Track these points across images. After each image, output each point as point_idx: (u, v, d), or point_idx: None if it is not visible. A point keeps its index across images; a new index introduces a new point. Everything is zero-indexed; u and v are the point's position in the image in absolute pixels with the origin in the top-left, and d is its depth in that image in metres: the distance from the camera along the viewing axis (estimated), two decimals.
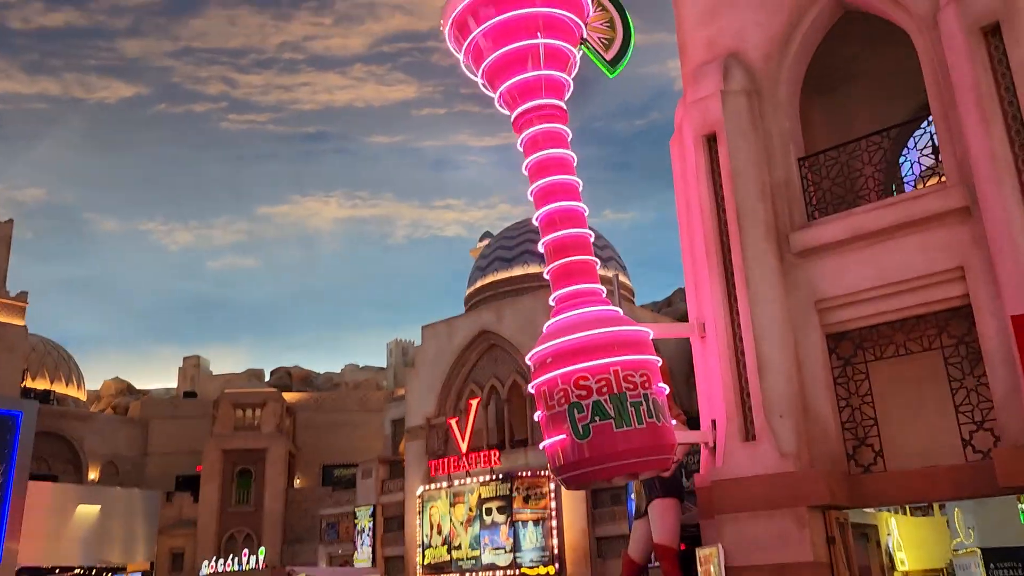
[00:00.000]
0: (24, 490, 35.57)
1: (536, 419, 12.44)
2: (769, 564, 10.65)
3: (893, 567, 13.91)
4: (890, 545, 13.87)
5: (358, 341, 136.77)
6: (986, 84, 10.10)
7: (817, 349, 11.37)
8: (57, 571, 39.61)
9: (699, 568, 11.95)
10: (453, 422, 33.66)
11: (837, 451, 11.06)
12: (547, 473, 30.61)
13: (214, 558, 24.15)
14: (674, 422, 11.68)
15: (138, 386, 57.40)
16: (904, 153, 13.72)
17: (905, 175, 13.28)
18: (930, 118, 12.40)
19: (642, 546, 19.45)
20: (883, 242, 11.04)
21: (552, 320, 12.37)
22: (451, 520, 32.32)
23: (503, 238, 40.01)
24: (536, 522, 30.23)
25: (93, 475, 44.82)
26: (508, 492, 30.93)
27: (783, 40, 12.48)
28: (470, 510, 31.85)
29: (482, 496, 31.59)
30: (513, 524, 30.45)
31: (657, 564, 15.48)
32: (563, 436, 11.37)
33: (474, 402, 33.42)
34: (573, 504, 30.07)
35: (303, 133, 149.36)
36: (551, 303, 12.83)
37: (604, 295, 12.56)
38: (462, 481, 32.57)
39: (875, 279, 11.04)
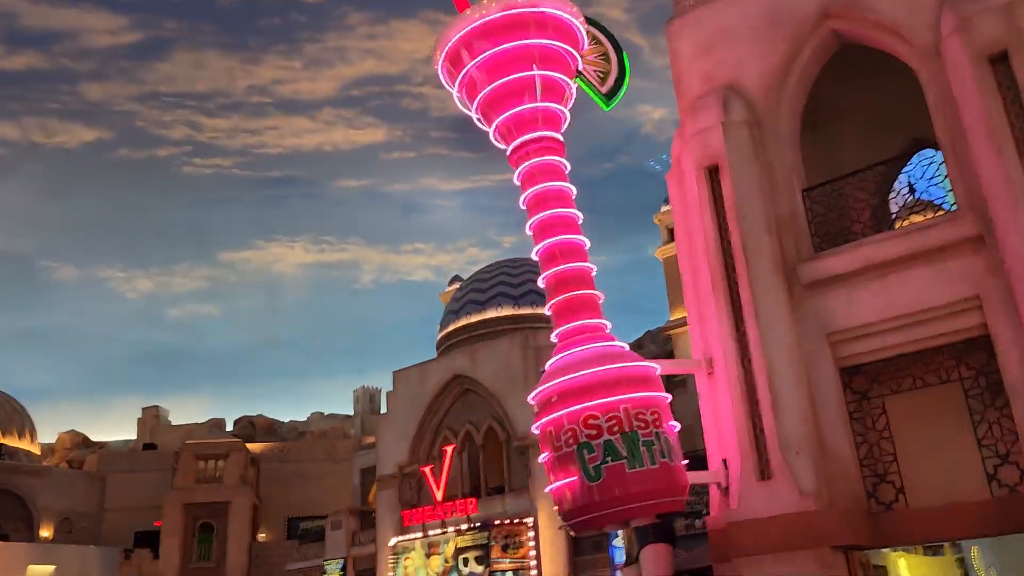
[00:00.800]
0: None
1: (541, 461, 11.93)
2: None
3: None
4: None
5: (324, 389, 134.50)
6: (996, 112, 10.05)
7: (831, 383, 11.08)
8: None
9: None
10: (427, 470, 32.75)
11: (857, 489, 10.72)
12: (525, 521, 29.85)
13: None
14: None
15: (94, 438, 55.32)
16: (896, 187, 13.67)
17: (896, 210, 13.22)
18: (924, 151, 12.41)
19: None
20: (894, 273, 10.87)
21: (555, 357, 11.96)
22: (427, 571, 31.22)
23: (475, 280, 39.56)
24: (515, 572, 29.32)
25: (46, 532, 42.75)
26: (486, 541, 30.02)
27: (782, 72, 12.41)
28: (446, 561, 30.83)
29: (458, 546, 30.62)
30: (492, 574, 29.50)
31: None
32: (573, 478, 10.90)
33: (449, 448, 32.60)
34: (553, 552, 29.27)
35: (269, 177, 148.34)
36: (553, 339, 12.43)
37: (609, 330, 12.21)
38: (438, 531, 31.58)
39: (887, 311, 10.84)
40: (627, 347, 11.76)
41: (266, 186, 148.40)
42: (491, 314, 37.05)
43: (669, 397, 11.32)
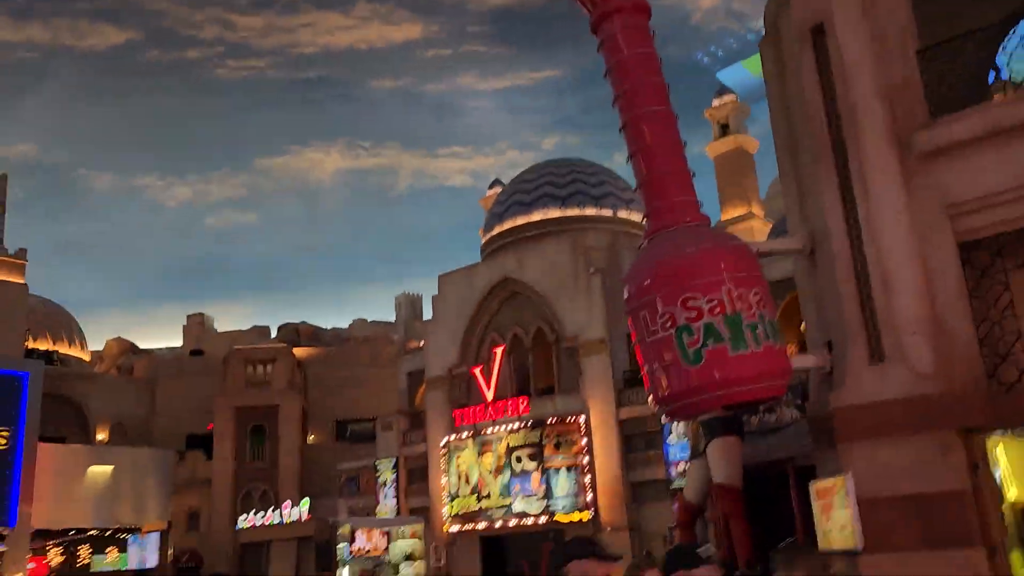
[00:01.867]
0: (34, 452, 34.54)
1: (634, 347, 11.41)
2: (907, 494, 9.69)
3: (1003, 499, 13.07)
4: (998, 474, 12.98)
5: (364, 296, 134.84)
6: None
7: (949, 259, 10.29)
8: (72, 533, 38.80)
9: (816, 502, 11.02)
10: (477, 371, 32.74)
11: (976, 370, 10.05)
12: (578, 419, 29.83)
13: (252, 511, 23.23)
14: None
15: (142, 346, 56.20)
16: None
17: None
18: None
19: (700, 487, 18.63)
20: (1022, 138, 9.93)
21: (647, 239, 11.29)
22: (479, 469, 31.53)
23: (520, 182, 38.70)
24: (568, 469, 29.48)
25: (101, 436, 43.82)
26: (538, 439, 30.12)
27: None
28: (498, 459, 31.06)
29: (511, 444, 30.78)
30: (545, 471, 29.69)
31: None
32: (671, 363, 10.37)
33: (499, 350, 32.46)
34: (606, 450, 29.32)
35: (303, 79, 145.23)
36: (643, 221, 11.72)
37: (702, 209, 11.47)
38: (489, 430, 31.73)
39: (1015, 179, 9.95)
40: (723, 226, 11.04)
41: (300, 88, 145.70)
42: (537, 216, 36.36)
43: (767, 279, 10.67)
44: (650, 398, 11.12)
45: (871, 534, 9.76)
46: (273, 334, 55.54)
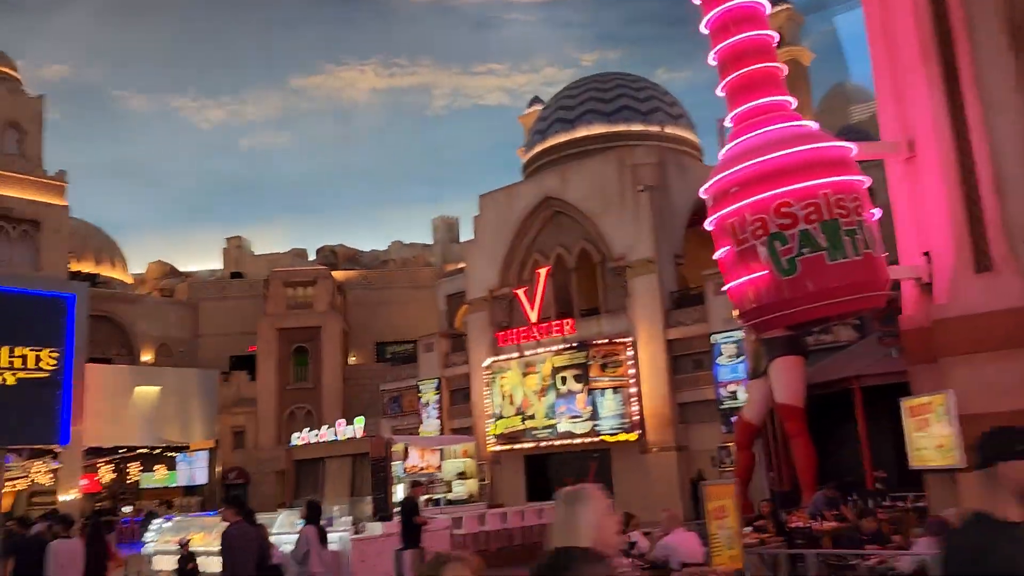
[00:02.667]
0: (83, 373, 35.01)
1: (716, 257, 10.85)
2: (1012, 410, 9.19)
3: None
4: None
5: (401, 218, 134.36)
6: None
7: None
8: (121, 451, 39.67)
9: (908, 419, 10.56)
10: (520, 292, 32.37)
11: None
12: (624, 340, 29.48)
13: (306, 429, 23.37)
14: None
15: (181, 269, 56.55)
16: None
17: None
18: None
19: (760, 407, 18.23)
20: None
21: (733, 142, 10.59)
22: (523, 390, 31.46)
23: (563, 98, 37.57)
24: (615, 390, 29.27)
25: (147, 357, 44.40)
26: (584, 360, 29.86)
27: None
28: (543, 380, 30.92)
29: (556, 365, 30.57)
30: (591, 392, 29.51)
31: None
32: (760, 273, 9.80)
33: (542, 271, 32.01)
34: (653, 370, 29.02)
35: None
36: (727, 123, 11.00)
37: (793, 108, 10.71)
38: (533, 352, 31.52)
39: None
40: (817, 126, 10.32)
41: (334, 2, 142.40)
42: (582, 132, 35.36)
43: (868, 181, 9.98)
44: (735, 311, 10.57)
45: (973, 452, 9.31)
46: (311, 257, 55.56)
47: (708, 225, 10.46)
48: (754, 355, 18.12)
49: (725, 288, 10.42)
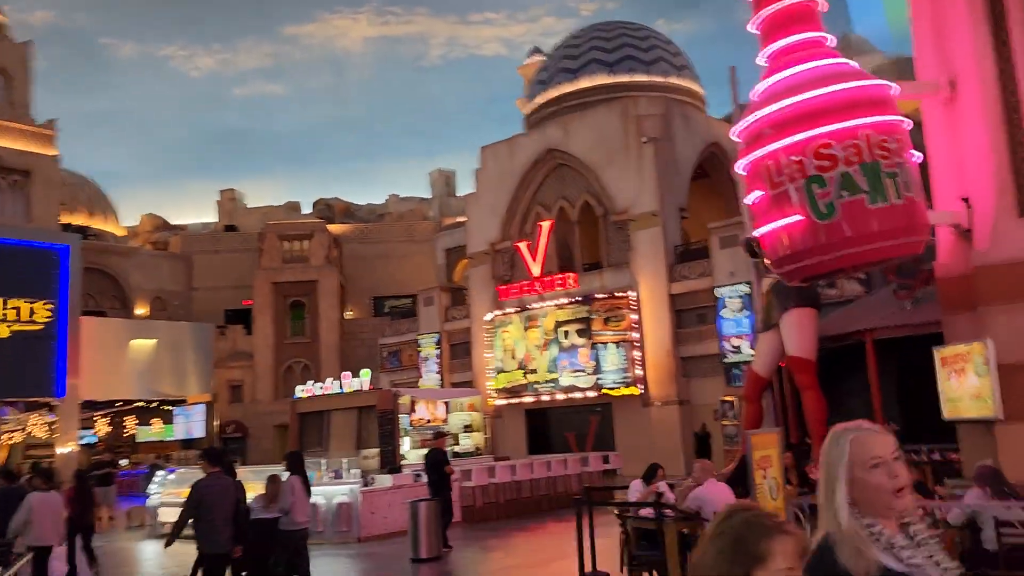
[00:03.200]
0: (78, 326, 34.60)
1: (748, 203, 10.48)
2: None
3: None
4: None
5: (397, 171, 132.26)
6: None
7: None
8: (119, 404, 39.45)
9: (942, 369, 10.31)
10: (522, 245, 31.98)
11: None
12: (628, 294, 29.21)
13: (310, 382, 23.09)
14: None
15: (174, 222, 55.79)
16: None
17: None
18: None
19: (770, 360, 17.97)
20: None
21: (768, 81, 10.14)
22: (525, 344, 31.25)
23: (566, 47, 36.76)
24: (617, 344, 29.07)
25: (141, 310, 43.96)
26: (587, 314, 29.61)
27: None
28: (546, 334, 30.70)
29: (558, 320, 30.33)
30: (593, 346, 29.32)
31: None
32: (795, 218, 9.43)
33: (545, 224, 31.59)
34: (656, 324, 28.81)
35: None
36: (761, 61, 10.54)
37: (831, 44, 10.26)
38: (535, 305, 31.24)
39: None
40: (856, 64, 9.88)
41: None
42: (585, 83, 34.65)
43: (910, 123, 9.58)
44: (766, 259, 10.23)
45: (1012, 403, 9.07)
46: (306, 210, 54.88)
47: (739, 169, 10.07)
48: (765, 307, 17.82)
49: (757, 234, 10.05)
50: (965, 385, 9.62)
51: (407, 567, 12.05)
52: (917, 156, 9.41)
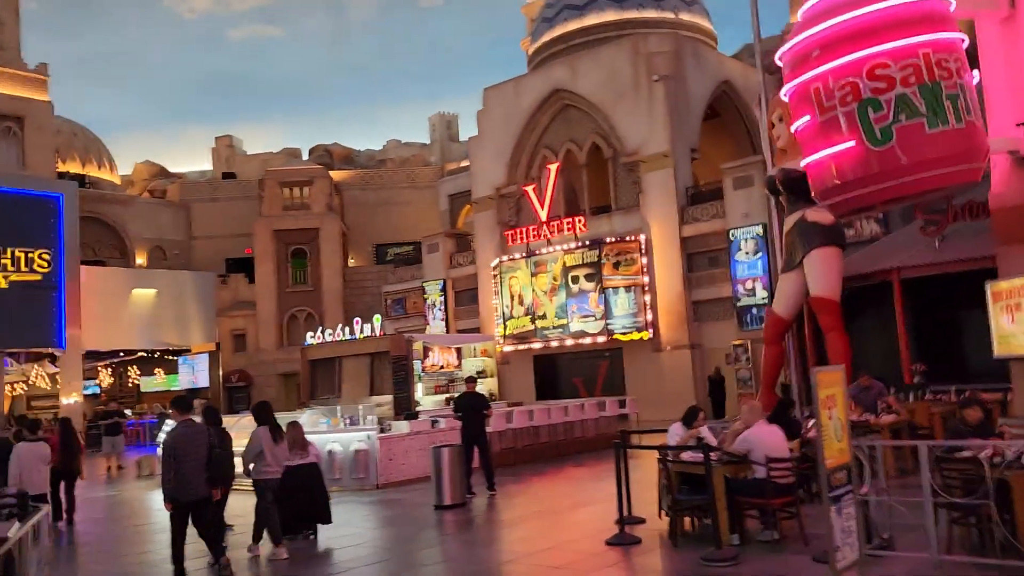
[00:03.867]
0: (77, 275, 34.03)
1: (793, 130, 9.89)
2: None
3: None
4: None
5: (397, 116, 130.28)
6: None
7: None
8: (121, 354, 39.12)
9: (994, 304, 9.84)
10: (529, 189, 31.30)
11: None
12: (637, 238, 28.66)
13: (319, 329, 22.65)
14: None
15: (171, 169, 54.80)
16: None
17: None
18: None
19: (792, 301, 17.50)
20: None
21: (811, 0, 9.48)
22: (533, 290, 30.79)
23: None
24: (627, 288, 28.61)
25: (141, 260, 43.32)
26: (596, 259, 29.09)
27: None
28: (554, 279, 30.21)
29: (567, 264, 29.81)
30: (603, 291, 28.86)
31: None
32: (847, 144, 8.86)
33: (552, 167, 30.86)
34: (667, 268, 28.32)
35: None
36: None
37: None
38: (543, 250, 30.70)
39: None
40: None
41: None
42: (592, 20, 33.58)
43: (966, 40, 8.95)
44: (811, 190, 9.68)
45: None
46: (305, 156, 53.91)
47: (783, 95, 9.46)
48: (788, 247, 17.31)
49: (804, 163, 9.48)
50: (1020, 320, 9.16)
51: (431, 514, 11.73)
52: (975, 77, 8.79)
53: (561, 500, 12.21)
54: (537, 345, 30.70)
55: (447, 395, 20.03)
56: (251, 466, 9.58)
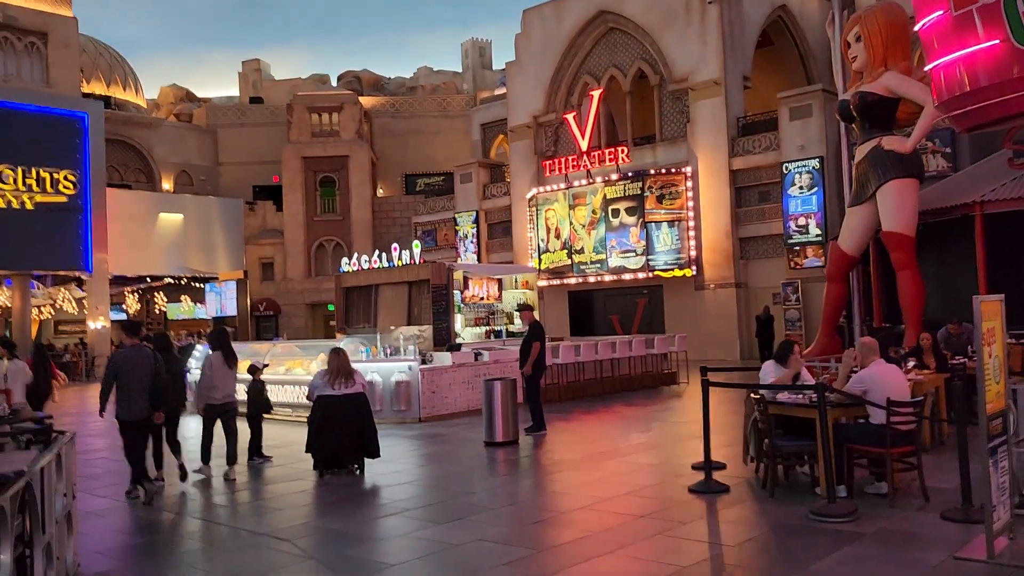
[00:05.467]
0: (103, 198, 33.28)
1: (917, 29, 8.63)
2: None
3: None
4: None
5: (428, 42, 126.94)
6: None
7: None
8: (148, 280, 38.61)
9: None
10: (570, 117, 29.92)
11: None
12: (684, 170, 27.36)
13: (355, 256, 21.76)
14: None
15: (197, 94, 53.56)
16: None
17: None
18: None
19: (860, 237, 16.29)
20: None
21: None
22: (571, 223, 29.66)
23: None
24: (671, 223, 27.44)
25: (167, 185, 42.52)
26: (639, 191, 27.84)
27: None
28: (593, 212, 29.05)
29: (607, 197, 28.60)
30: (645, 225, 27.69)
31: None
32: (990, 43, 7.62)
33: (595, 94, 29.41)
34: (714, 203, 27.07)
35: None
36: None
37: None
38: (583, 182, 29.47)
39: None
40: None
41: None
42: None
43: None
44: (936, 98, 8.45)
45: None
46: (333, 83, 52.41)
47: None
48: (859, 178, 16.09)
49: (929, 67, 8.25)
50: None
51: (482, 451, 10.91)
52: None
53: (618, 441, 11.34)
54: (573, 281, 29.73)
55: (487, 327, 19.17)
56: (200, 390, 9.96)
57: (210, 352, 10.11)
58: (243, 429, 11.26)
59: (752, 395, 7.75)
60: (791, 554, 5.74)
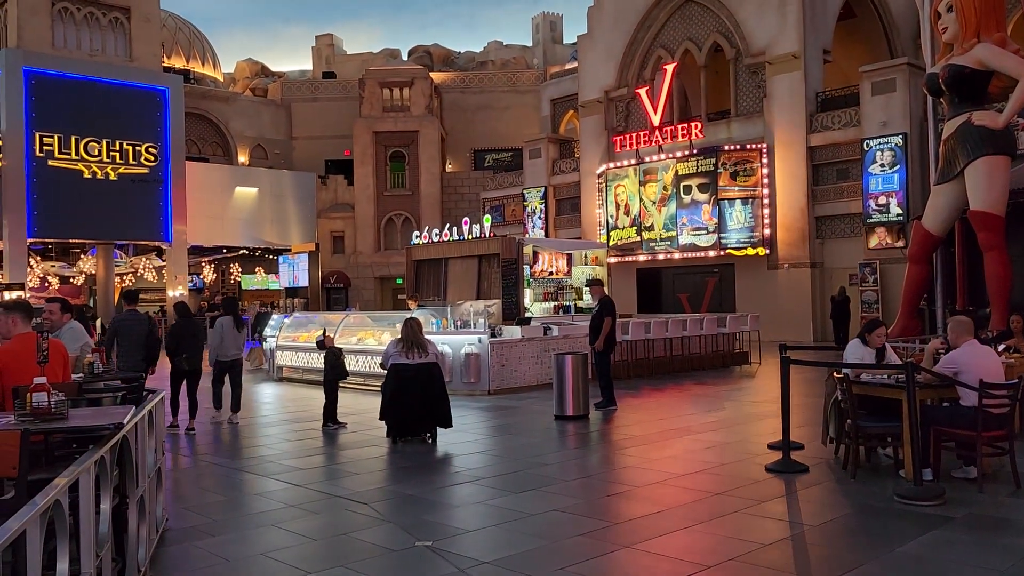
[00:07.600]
0: (183, 170, 34.17)
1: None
2: None
3: None
4: None
5: (499, 17, 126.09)
6: None
7: None
8: (224, 251, 39.60)
9: None
10: (643, 92, 29.48)
11: None
12: (759, 146, 26.75)
13: (426, 229, 21.96)
14: None
15: (272, 68, 54.41)
16: None
17: None
18: None
19: (946, 216, 15.72)
20: None
21: None
22: (641, 199, 29.32)
23: None
24: (744, 200, 26.89)
25: (242, 158, 43.44)
26: (712, 168, 27.34)
27: None
28: (664, 189, 28.65)
29: (679, 172, 28.16)
30: (718, 203, 27.20)
31: None
32: None
33: (669, 67, 28.90)
34: (790, 180, 26.43)
35: None
36: None
37: None
38: (654, 157, 29.06)
39: None
40: None
41: None
42: None
43: None
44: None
45: None
46: (404, 57, 52.65)
47: None
48: (946, 155, 15.49)
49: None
50: None
51: (552, 424, 10.92)
52: None
53: (690, 419, 11.22)
54: (642, 258, 29.44)
55: (556, 302, 19.13)
56: (212, 349, 11.45)
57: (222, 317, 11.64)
58: (319, 395, 11.49)
59: (835, 374, 7.56)
60: (876, 536, 5.59)
